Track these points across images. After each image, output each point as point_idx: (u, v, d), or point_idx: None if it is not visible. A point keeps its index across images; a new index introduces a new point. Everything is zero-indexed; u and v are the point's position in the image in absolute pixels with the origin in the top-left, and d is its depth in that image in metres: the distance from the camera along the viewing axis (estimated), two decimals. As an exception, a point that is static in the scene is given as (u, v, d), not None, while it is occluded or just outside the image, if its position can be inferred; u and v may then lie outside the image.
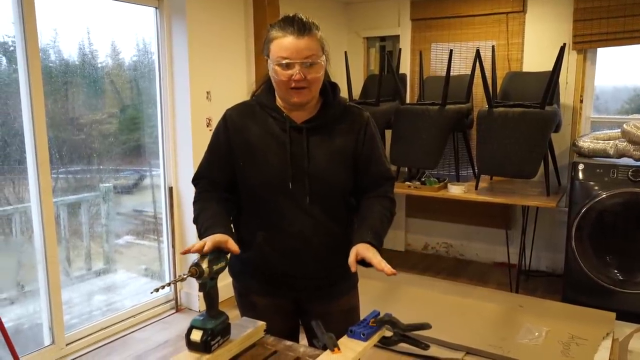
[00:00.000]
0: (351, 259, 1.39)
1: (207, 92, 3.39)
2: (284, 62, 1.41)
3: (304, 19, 1.44)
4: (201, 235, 1.42)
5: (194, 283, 3.46)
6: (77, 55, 3.01)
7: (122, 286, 3.45)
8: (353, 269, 1.38)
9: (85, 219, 3.26)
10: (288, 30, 1.41)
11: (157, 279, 3.61)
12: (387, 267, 1.33)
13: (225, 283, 1.56)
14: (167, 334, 3.16)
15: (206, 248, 1.30)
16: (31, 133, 2.62)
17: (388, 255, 1.63)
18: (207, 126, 3.40)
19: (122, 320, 3.21)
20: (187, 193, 3.41)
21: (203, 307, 3.62)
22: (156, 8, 3.25)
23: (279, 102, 1.54)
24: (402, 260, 4.50)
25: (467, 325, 3.01)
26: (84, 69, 3.05)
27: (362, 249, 1.39)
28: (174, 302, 3.51)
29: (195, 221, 1.51)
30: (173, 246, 3.47)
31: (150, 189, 3.57)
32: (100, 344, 3.01)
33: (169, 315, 3.42)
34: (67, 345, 2.89)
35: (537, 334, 2.88)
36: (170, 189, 3.42)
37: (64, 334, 2.86)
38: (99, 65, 3.15)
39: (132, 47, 3.34)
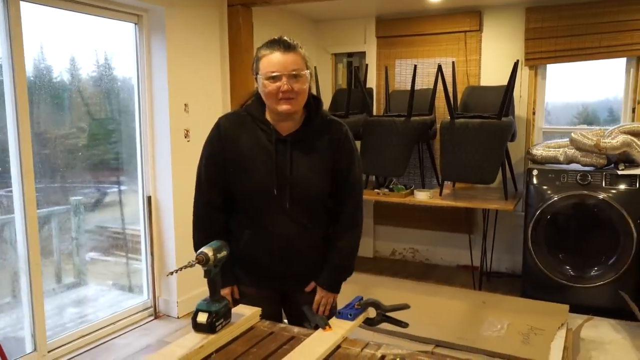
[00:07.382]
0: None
1: (185, 105, 3.52)
2: (272, 75, 1.59)
3: (289, 40, 1.64)
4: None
5: (172, 290, 3.55)
6: (57, 70, 3.08)
7: (94, 299, 3.46)
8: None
9: (55, 233, 3.26)
10: (275, 48, 1.61)
11: (129, 291, 3.66)
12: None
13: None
14: (148, 339, 3.23)
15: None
16: (16, 143, 2.70)
17: (357, 261, 1.82)
18: (185, 137, 3.52)
19: (102, 327, 3.26)
20: (166, 202, 3.51)
21: (182, 314, 3.69)
22: (135, 24, 3.37)
23: (268, 114, 1.71)
24: (370, 266, 4.69)
25: (435, 320, 3.21)
26: (61, 83, 3.12)
27: (319, 296, 1.78)
28: (152, 309, 3.58)
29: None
30: (152, 255, 3.55)
31: (121, 203, 3.60)
32: (82, 350, 3.05)
33: (148, 322, 3.48)
34: (48, 352, 2.93)
35: (499, 326, 3.10)
36: (149, 197, 3.52)
37: (45, 341, 2.90)
38: (79, 77, 3.23)
39: (111, 61, 3.43)
